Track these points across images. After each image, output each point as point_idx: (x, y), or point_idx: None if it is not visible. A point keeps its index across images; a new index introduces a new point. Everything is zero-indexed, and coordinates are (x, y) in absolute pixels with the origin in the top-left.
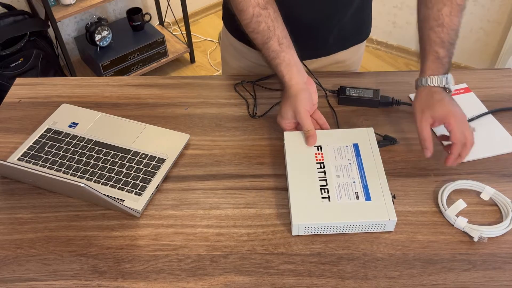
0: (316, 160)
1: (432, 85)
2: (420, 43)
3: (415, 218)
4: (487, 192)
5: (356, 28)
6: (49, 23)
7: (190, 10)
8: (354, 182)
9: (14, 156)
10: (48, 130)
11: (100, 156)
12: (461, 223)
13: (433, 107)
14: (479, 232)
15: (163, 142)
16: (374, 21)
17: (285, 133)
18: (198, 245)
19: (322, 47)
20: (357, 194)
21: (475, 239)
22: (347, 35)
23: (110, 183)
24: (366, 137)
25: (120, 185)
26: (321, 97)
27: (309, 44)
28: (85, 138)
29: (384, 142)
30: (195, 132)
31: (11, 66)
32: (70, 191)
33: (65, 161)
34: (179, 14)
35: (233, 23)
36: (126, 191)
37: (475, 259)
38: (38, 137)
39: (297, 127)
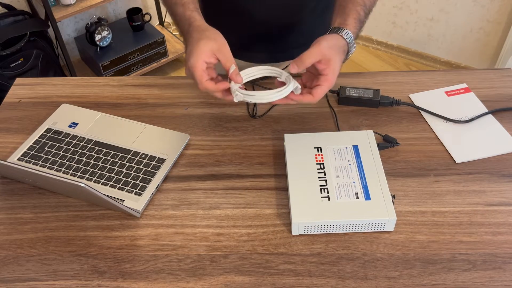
0: (316, 161)
1: (344, 37)
2: (339, 1)
3: (415, 218)
4: (284, 76)
5: (323, 32)
6: (49, 23)
7: None
8: (353, 182)
9: (14, 156)
10: (48, 130)
11: (100, 156)
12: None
13: (331, 53)
14: (243, 95)
15: (163, 142)
16: (374, 21)
17: (285, 134)
18: (198, 245)
19: (281, 50)
20: (356, 194)
21: (235, 100)
22: (311, 39)
23: (110, 183)
24: (366, 139)
25: (120, 185)
26: None
27: (267, 46)
28: (85, 138)
29: (385, 144)
30: (195, 132)
31: (11, 66)
32: (70, 191)
33: (65, 161)
34: None
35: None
36: (126, 191)
37: (475, 259)
38: (38, 137)
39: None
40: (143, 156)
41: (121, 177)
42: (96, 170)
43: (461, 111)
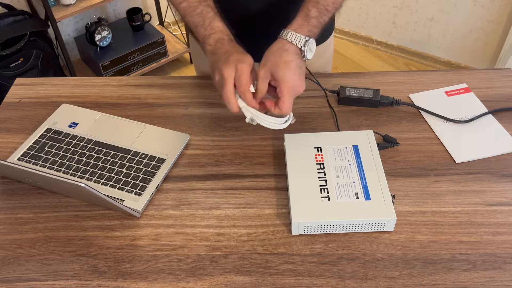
0: (316, 161)
1: (290, 40)
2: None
3: (415, 218)
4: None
5: None
6: (49, 23)
7: None
8: (353, 182)
9: (14, 156)
10: (48, 130)
11: (100, 156)
12: (241, 102)
13: (276, 66)
14: (252, 114)
15: (163, 142)
16: (374, 21)
17: (285, 134)
18: (198, 245)
19: None
20: (356, 194)
21: (247, 120)
22: None
23: (110, 183)
24: (366, 139)
25: (120, 185)
26: (321, 97)
27: (263, 46)
28: (85, 138)
29: (385, 144)
30: (195, 132)
31: (11, 66)
32: (70, 191)
33: (65, 161)
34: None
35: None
36: (126, 191)
37: (475, 259)
38: (38, 137)
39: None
40: (143, 156)
41: (121, 177)
42: (96, 170)
43: (461, 111)
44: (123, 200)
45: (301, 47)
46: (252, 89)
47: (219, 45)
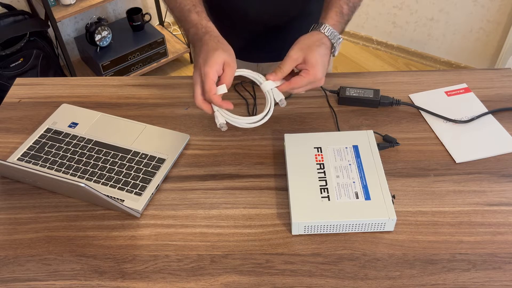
0: (316, 161)
1: (327, 35)
2: (326, 1)
3: (415, 218)
4: (265, 86)
5: None
6: (49, 23)
7: None
8: (353, 182)
9: (14, 156)
10: (48, 130)
11: (100, 156)
12: (214, 107)
13: (310, 51)
14: (224, 117)
15: (163, 142)
16: (374, 21)
17: (285, 134)
18: (198, 245)
19: (278, 48)
20: (356, 194)
21: (217, 125)
22: None
23: (110, 183)
24: (366, 139)
25: (120, 185)
26: (321, 97)
27: (264, 45)
28: (85, 138)
29: (385, 144)
30: (195, 132)
31: (11, 66)
32: (70, 191)
33: (65, 161)
34: None
35: None
36: (126, 191)
37: (475, 259)
38: (38, 137)
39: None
40: (143, 156)
41: (121, 177)
42: (96, 170)
43: (461, 111)
44: (123, 200)
45: (334, 43)
46: (222, 90)
47: (194, 42)
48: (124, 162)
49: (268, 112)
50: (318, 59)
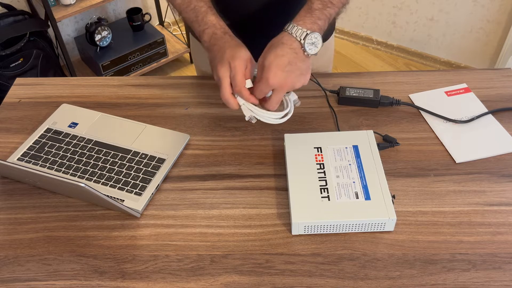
0: (316, 161)
1: (290, 33)
2: None
3: (415, 218)
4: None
5: None
6: (49, 23)
7: None
8: (353, 182)
9: (14, 156)
10: (48, 130)
11: (100, 156)
12: (240, 100)
13: (267, 60)
14: (251, 111)
15: (163, 142)
16: (374, 21)
17: (285, 134)
18: (198, 245)
19: None
20: (356, 194)
21: (246, 118)
22: None
23: (110, 183)
24: (366, 139)
25: (120, 185)
26: (321, 97)
27: (264, 42)
28: (85, 138)
29: (385, 144)
30: (195, 132)
31: (11, 66)
32: (70, 191)
33: (65, 161)
34: None
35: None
36: (126, 191)
37: (475, 259)
38: (38, 137)
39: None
40: (143, 156)
41: (121, 177)
42: (96, 170)
43: (461, 111)
44: (123, 200)
45: (301, 40)
46: (249, 84)
47: (213, 41)
48: (124, 162)
49: (289, 109)
50: (272, 61)
